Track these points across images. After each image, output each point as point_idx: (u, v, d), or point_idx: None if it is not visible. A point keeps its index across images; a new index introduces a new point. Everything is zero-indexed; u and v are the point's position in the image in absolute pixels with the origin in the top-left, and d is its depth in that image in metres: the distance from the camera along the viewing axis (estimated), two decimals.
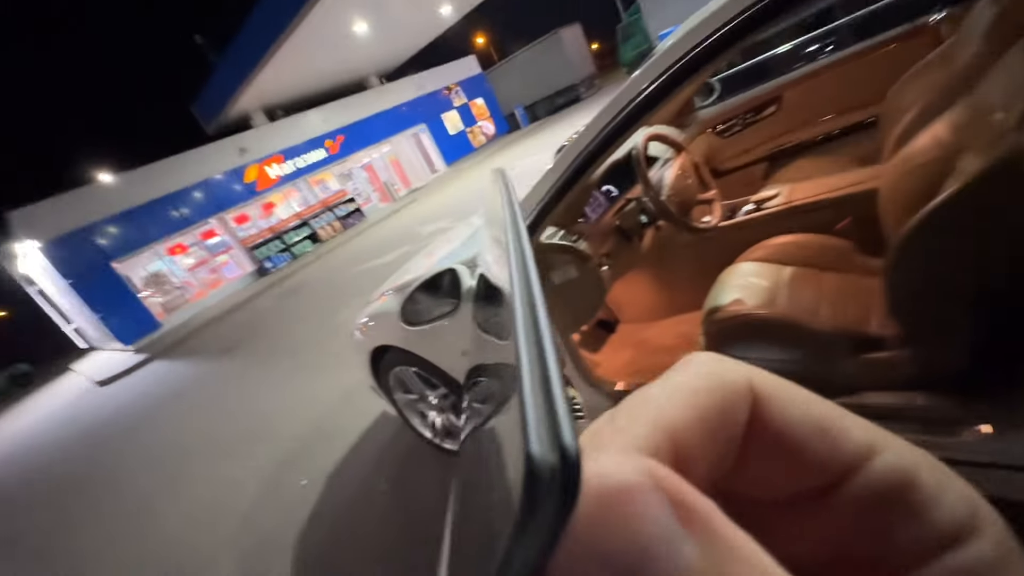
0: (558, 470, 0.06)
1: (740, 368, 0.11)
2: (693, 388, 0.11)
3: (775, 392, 0.11)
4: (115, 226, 12.57)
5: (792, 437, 0.11)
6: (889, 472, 0.10)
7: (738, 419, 0.11)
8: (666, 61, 1.16)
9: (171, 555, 2.53)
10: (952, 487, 0.10)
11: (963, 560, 0.09)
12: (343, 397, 3.32)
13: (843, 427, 0.11)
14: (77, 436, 6.77)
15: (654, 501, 0.08)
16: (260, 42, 12.92)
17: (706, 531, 0.08)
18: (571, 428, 0.07)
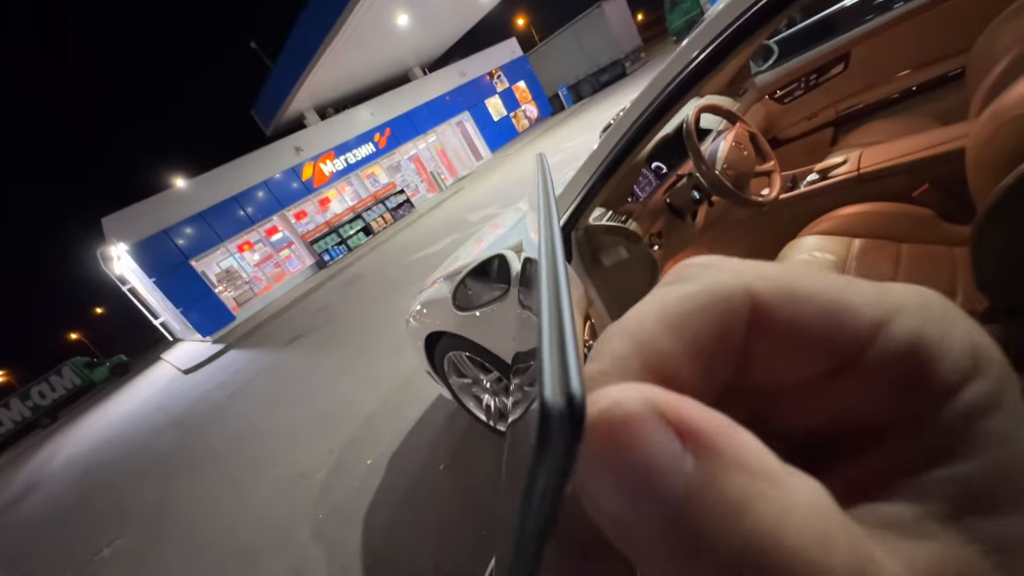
0: (566, 412, 0.07)
1: (735, 274, 0.11)
2: (682, 312, 0.11)
3: (777, 291, 0.11)
4: (190, 227, 13.69)
5: (799, 331, 0.11)
6: (900, 340, 0.10)
7: (736, 331, 0.11)
8: (717, 26, 1.09)
9: (254, 523, 2.79)
10: (954, 332, 0.10)
11: (963, 403, 0.10)
12: (402, 382, 3.47)
13: (853, 305, 0.10)
14: (170, 419, 7.51)
15: (655, 426, 0.09)
16: (308, 44, 13.43)
17: (707, 446, 0.08)
18: (579, 376, 0.08)
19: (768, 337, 0.11)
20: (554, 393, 0.08)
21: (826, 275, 0.11)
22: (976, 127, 1.18)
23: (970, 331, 0.10)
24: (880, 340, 0.10)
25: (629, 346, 0.11)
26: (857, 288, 0.11)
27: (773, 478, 0.08)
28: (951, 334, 0.10)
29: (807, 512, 0.08)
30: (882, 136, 1.66)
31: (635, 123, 1.23)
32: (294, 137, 15.72)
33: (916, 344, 0.10)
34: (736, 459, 0.08)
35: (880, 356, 0.10)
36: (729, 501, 0.08)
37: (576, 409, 0.07)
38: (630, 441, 0.08)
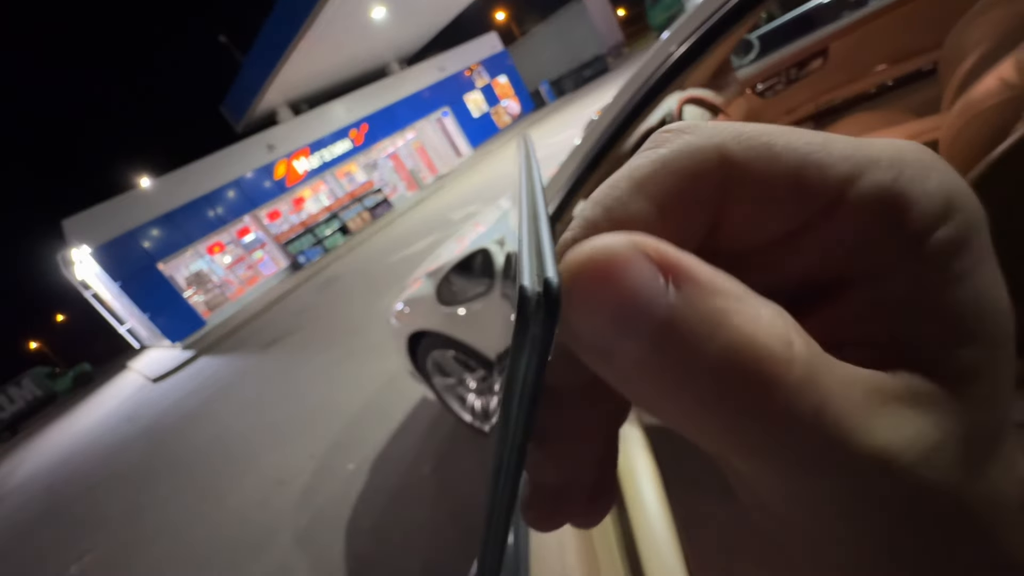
0: (542, 295, 0.08)
1: (707, 135, 0.11)
2: (653, 173, 0.11)
3: (750, 148, 0.11)
4: (158, 228, 13.20)
5: (772, 186, 0.11)
6: (871, 192, 0.10)
7: (707, 189, 0.11)
8: (699, 18, 1.08)
9: (233, 531, 2.69)
10: (928, 180, 0.11)
11: (933, 245, 0.10)
12: (384, 384, 3.40)
13: (826, 160, 0.11)
14: (139, 430, 7.24)
15: (639, 262, 0.09)
16: (281, 37, 13.09)
17: (685, 277, 0.09)
18: (554, 265, 0.09)
19: (741, 193, 0.11)
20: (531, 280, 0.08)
21: (803, 132, 0.11)
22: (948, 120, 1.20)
23: (944, 179, 0.11)
24: (851, 192, 0.10)
25: (601, 211, 0.11)
26: (834, 144, 0.11)
27: (743, 298, 0.09)
28: (924, 183, 0.10)
29: (771, 321, 0.09)
30: (861, 129, 1.69)
31: (619, 115, 1.21)
32: (266, 134, 15.28)
33: (887, 194, 0.10)
34: (711, 285, 0.09)
35: (851, 207, 0.11)
36: (708, 318, 0.09)
37: (551, 292, 0.08)
38: (618, 275, 0.09)
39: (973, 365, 0.10)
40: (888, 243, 0.11)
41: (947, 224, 0.10)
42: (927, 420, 0.10)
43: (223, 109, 18.27)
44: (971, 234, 0.10)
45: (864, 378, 0.10)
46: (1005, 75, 1.03)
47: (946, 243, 0.10)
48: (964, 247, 0.10)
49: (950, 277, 0.10)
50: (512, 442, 0.09)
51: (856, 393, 0.09)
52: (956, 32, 1.55)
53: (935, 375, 0.10)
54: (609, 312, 0.09)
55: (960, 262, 0.10)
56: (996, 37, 1.34)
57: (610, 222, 0.11)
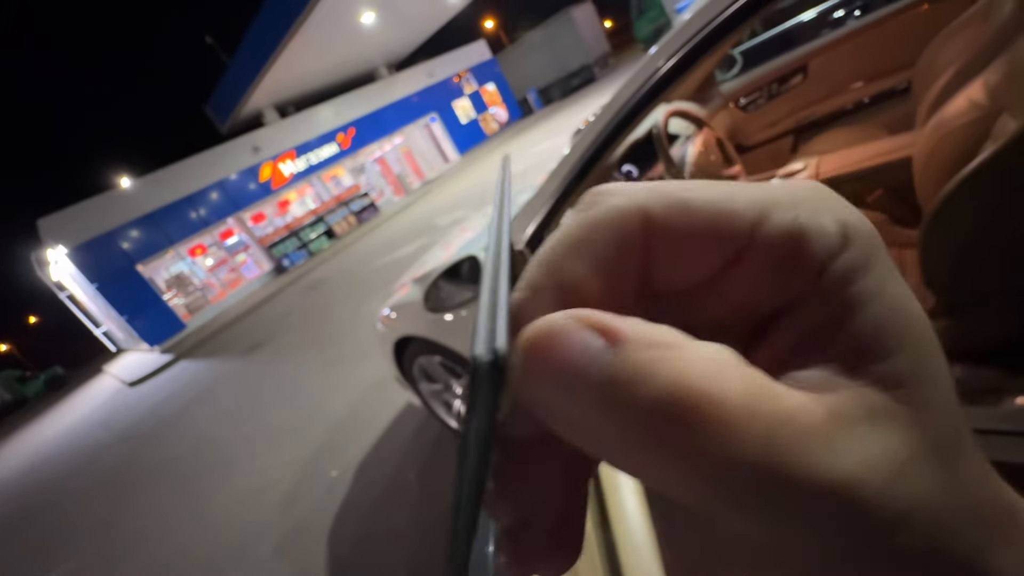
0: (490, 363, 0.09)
1: (630, 195, 0.12)
2: (583, 235, 0.12)
3: (669, 205, 0.12)
4: (137, 229, 12.90)
5: (690, 237, 0.12)
6: (775, 232, 0.11)
7: (633, 245, 0.12)
8: (685, 34, 1.12)
9: (213, 540, 2.63)
10: (823, 215, 0.12)
11: (837, 272, 0.11)
12: (368, 389, 3.37)
13: (735, 209, 0.12)
14: (114, 436, 7.04)
15: (580, 331, 0.10)
16: (269, 39, 12.98)
17: (623, 337, 0.10)
18: (505, 334, 0.10)
19: (664, 245, 0.12)
20: (483, 348, 0.09)
21: (715, 185, 0.13)
22: (922, 137, 1.25)
23: (838, 212, 0.12)
24: (759, 234, 0.12)
25: (542, 273, 0.12)
26: (740, 193, 0.12)
27: (679, 346, 0.10)
28: (821, 217, 0.12)
29: (705, 362, 0.10)
30: (838, 144, 1.74)
31: (606, 126, 1.24)
32: (252, 136, 15.09)
33: (789, 232, 0.11)
34: (647, 339, 0.10)
35: (761, 247, 0.12)
36: (643, 369, 0.09)
37: (499, 360, 0.09)
38: (561, 346, 0.10)
39: (908, 371, 0.11)
40: (797, 275, 0.12)
41: (847, 251, 0.11)
42: (892, 435, 0.10)
43: (208, 110, 18.03)
44: (870, 257, 0.11)
45: (818, 404, 0.10)
46: (974, 96, 1.08)
47: (849, 268, 0.11)
48: (866, 269, 0.11)
49: (859, 298, 0.11)
50: (469, 486, 0.10)
51: (811, 420, 0.09)
52: (928, 53, 1.62)
53: (879, 388, 0.10)
54: (557, 380, 0.10)
55: (865, 282, 0.11)
56: (966, 58, 1.41)
57: (551, 282, 0.12)
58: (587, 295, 0.12)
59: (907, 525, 0.09)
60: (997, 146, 0.76)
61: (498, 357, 0.09)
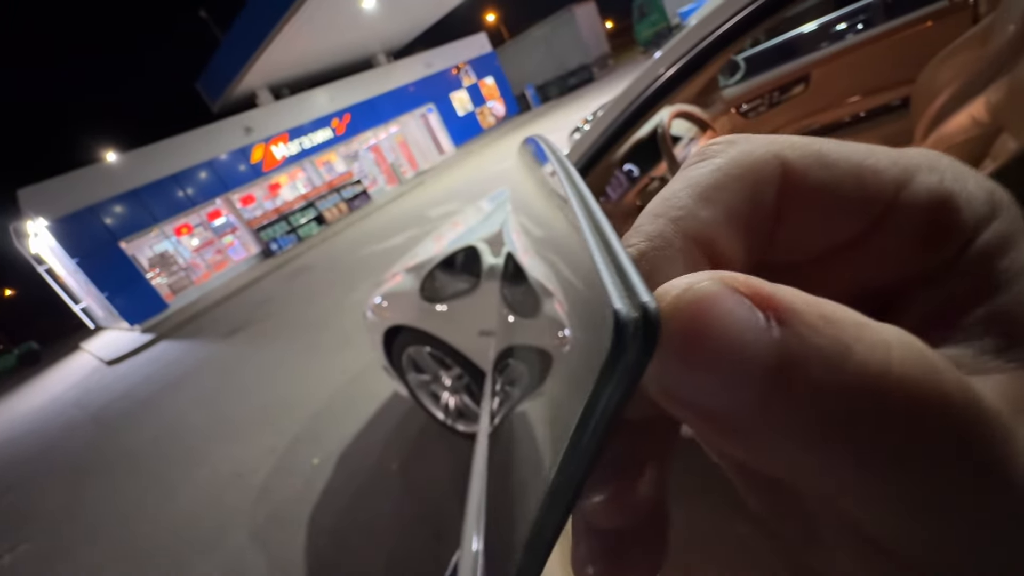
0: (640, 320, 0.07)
1: (763, 144, 0.11)
2: (714, 182, 0.11)
3: (806, 155, 0.11)
4: (122, 205, 12.59)
5: (829, 193, 0.11)
6: (922, 195, 0.10)
7: (768, 196, 0.11)
8: (691, 40, 1.12)
9: (185, 527, 2.58)
10: (969, 179, 0.11)
11: (984, 244, 0.10)
12: (352, 378, 3.33)
13: (876, 167, 0.11)
14: (88, 416, 6.89)
15: (733, 301, 0.08)
16: (266, 18, 12.70)
17: (788, 310, 0.08)
18: (646, 289, 0.08)
19: (800, 200, 0.11)
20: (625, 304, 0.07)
21: (849, 143, 0.11)
22: None
23: (982, 181, 0.11)
24: (904, 197, 0.10)
25: (665, 223, 0.11)
26: (879, 152, 0.11)
27: (862, 325, 0.08)
28: (967, 185, 0.11)
29: (905, 348, 0.08)
30: None
31: (611, 125, 1.23)
32: (244, 116, 14.81)
33: (937, 194, 0.10)
34: (821, 315, 0.08)
35: (905, 210, 0.10)
36: (827, 352, 0.08)
37: (651, 320, 0.07)
38: (712, 321, 0.08)
39: None
40: (944, 242, 0.10)
41: (996, 221, 0.10)
42: None
43: (199, 87, 17.63)
44: (1020, 229, 0.11)
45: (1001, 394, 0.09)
46: (976, 113, 1.10)
47: (998, 240, 0.10)
48: (1016, 241, 0.10)
49: (1011, 271, 0.10)
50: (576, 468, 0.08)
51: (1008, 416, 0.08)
52: (929, 71, 1.64)
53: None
54: (709, 364, 0.08)
55: (1016, 255, 0.10)
56: (965, 78, 1.42)
57: (679, 233, 0.10)
58: (721, 253, 0.11)
59: None
60: (997, 165, 0.76)
61: (649, 315, 0.07)
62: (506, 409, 0.10)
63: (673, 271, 0.10)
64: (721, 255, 0.11)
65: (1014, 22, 1.31)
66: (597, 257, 0.09)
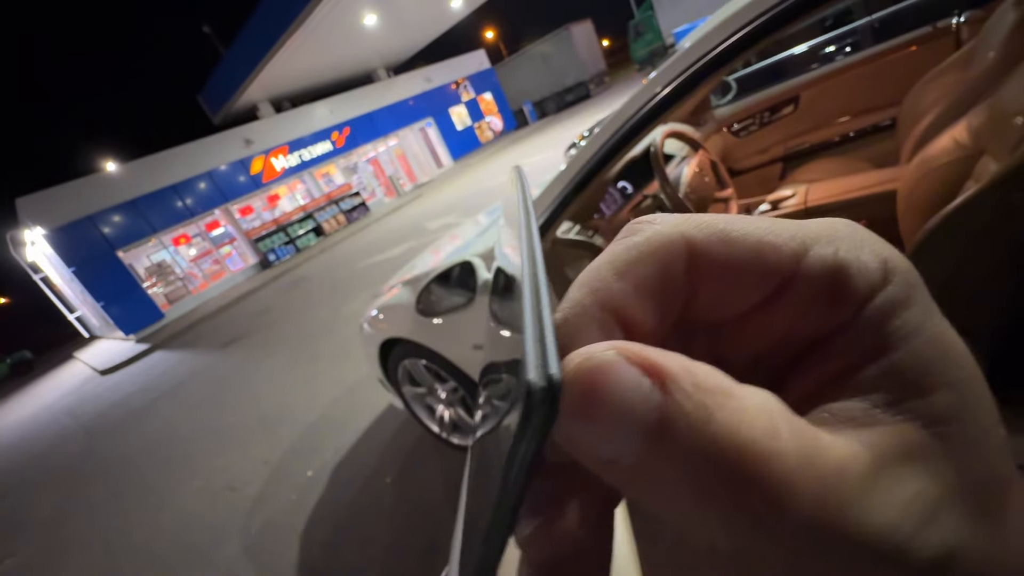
0: (546, 389, 0.09)
1: (673, 224, 0.13)
2: (629, 259, 0.13)
3: (710, 235, 0.12)
4: (120, 215, 12.59)
5: (732, 268, 0.12)
6: (817, 266, 0.12)
7: (676, 272, 0.12)
8: (685, 61, 1.15)
9: (175, 538, 2.55)
10: (864, 250, 0.12)
11: (878, 307, 0.11)
12: (347, 391, 3.33)
13: (775, 242, 0.12)
14: (80, 426, 6.81)
15: (624, 369, 0.10)
16: (268, 33, 12.90)
17: (669, 378, 0.10)
18: (556, 360, 0.10)
19: (706, 275, 0.12)
20: (536, 376, 0.09)
21: (752, 219, 0.13)
22: (906, 173, 1.30)
23: (878, 248, 0.12)
24: (801, 267, 0.12)
25: (586, 293, 0.12)
26: (779, 227, 0.12)
27: (728, 392, 0.10)
28: (861, 253, 0.12)
29: (756, 413, 0.10)
30: (824, 174, 1.80)
31: (605, 143, 1.26)
32: (245, 128, 14.92)
33: (831, 265, 0.12)
34: (695, 383, 0.10)
35: (803, 281, 0.12)
36: (693, 417, 0.09)
37: (554, 387, 0.09)
38: (605, 386, 0.10)
39: (949, 408, 0.10)
40: (838, 308, 0.12)
41: (889, 286, 0.11)
42: (924, 476, 0.10)
43: (201, 99, 17.80)
44: (912, 292, 0.12)
45: (857, 449, 0.10)
46: (958, 136, 1.13)
47: (890, 303, 0.11)
48: (907, 304, 0.11)
49: (901, 333, 0.11)
50: (504, 508, 0.10)
51: (853, 470, 0.09)
52: (914, 93, 1.69)
53: (918, 425, 0.10)
54: (602, 419, 0.10)
55: (907, 317, 0.11)
56: (949, 101, 1.47)
57: (596, 303, 0.12)
58: (632, 319, 0.12)
59: (945, 571, 0.09)
60: (979, 187, 0.79)
61: (552, 384, 0.09)
62: (490, 425, 0.11)
63: (589, 336, 0.12)
64: (632, 322, 0.12)
65: (994, 49, 1.36)
66: (527, 320, 0.11)
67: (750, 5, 0.99)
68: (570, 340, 0.12)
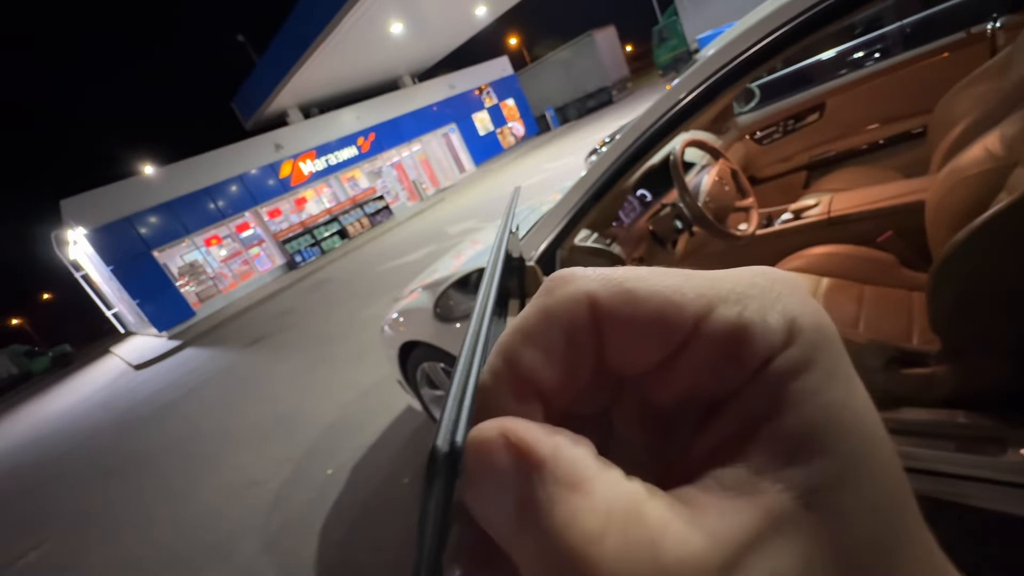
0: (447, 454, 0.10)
1: (580, 284, 0.13)
2: (536, 325, 0.13)
3: (616, 295, 0.13)
4: (156, 216, 13.13)
5: (635, 327, 0.13)
6: (718, 328, 0.12)
7: (582, 332, 0.13)
8: (709, 68, 1.15)
9: (199, 533, 2.64)
10: (771, 311, 0.12)
11: (776, 370, 0.11)
12: (365, 392, 3.39)
13: (680, 302, 0.12)
14: (113, 417, 7.10)
15: (500, 450, 0.11)
16: (298, 41, 13.29)
17: (535, 464, 0.11)
18: (465, 428, 0.11)
19: (611, 332, 0.13)
20: (443, 441, 0.11)
21: (665, 275, 0.13)
22: (936, 183, 1.26)
23: (790, 307, 0.12)
24: (702, 328, 0.12)
25: (502, 361, 0.13)
26: (689, 284, 0.13)
27: (576, 486, 0.11)
28: (768, 314, 0.12)
29: (592, 513, 0.10)
30: (850, 183, 1.76)
31: (625, 151, 1.27)
32: (275, 133, 15.40)
33: (732, 327, 0.12)
34: (554, 472, 0.11)
35: (704, 340, 0.12)
36: (539, 506, 0.10)
37: (455, 454, 0.10)
38: (485, 462, 0.11)
39: (825, 478, 0.10)
40: (737, 370, 0.12)
41: (790, 348, 0.12)
42: (783, 552, 0.10)
43: (234, 105, 18.42)
44: (815, 354, 0.12)
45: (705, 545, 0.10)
46: (991, 146, 1.10)
47: (789, 366, 0.11)
48: (808, 367, 0.11)
49: (794, 397, 0.11)
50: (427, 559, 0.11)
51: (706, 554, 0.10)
52: (946, 101, 1.65)
53: (792, 494, 0.10)
54: (481, 490, 0.11)
55: (805, 381, 0.11)
56: (983, 109, 1.43)
57: (509, 370, 0.13)
58: (541, 381, 0.13)
59: None
60: (1012, 198, 0.77)
61: (454, 450, 0.10)
62: None
63: (504, 403, 0.13)
64: (543, 384, 0.13)
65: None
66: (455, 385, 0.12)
67: (777, 11, 0.97)
68: (486, 406, 0.13)
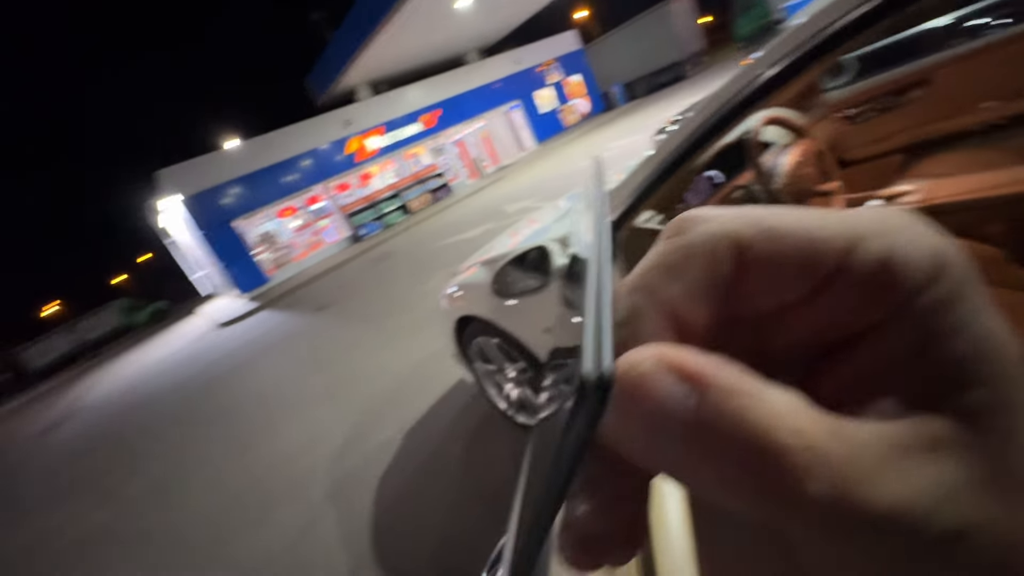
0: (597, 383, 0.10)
1: (720, 222, 0.13)
2: (677, 259, 0.13)
3: (758, 232, 0.13)
4: (238, 187, 14.20)
5: (779, 263, 0.13)
6: (867, 261, 0.12)
7: (724, 269, 0.13)
8: (797, 39, 1.06)
9: (273, 475, 2.91)
10: (916, 244, 0.12)
11: (927, 301, 0.11)
12: (421, 361, 3.53)
13: (824, 236, 0.12)
14: (200, 369, 7.89)
15: (663, 376, 0.11)
16: (369, 19, 13.59)
17: (704, 383, 0.11)
18: (611, 355, 0.11)
19: (753, 271, 0.13)
20: (590, 369, 0.10)
21: (805, 212, 0.13)
22: None
23: (932, 242, 0.12)
24: (849, 263, 0.12)
25: (640, 296, 0.13)
26: (829, 221, 0.13)
27: (757, 395, 0.11)
28: (913, 247, 0.12)
29: (783, 411, 0.10)
30: (955, 168, 1.57)
31: (697, 129, 1.21)
32: (345, 110, 16.00)
33: (879, 261, 0.12)
34: (727, 388, 0.11)
35: (849, 276, 0.12)
36: (726, 417, 0.10)
37: (606, 382, 0.10)
38: (647, 391, 0.11)
39: (985, 404, 0.11)
40: (885, 304, 0.12)
41: (937, 283, 0.11)
42: (949, 462, 0.10)
43: (307, 82, 19.26)
44: (963, 288, 0.12)
45: (881, 436, 0.11)
46: None
47: (937, 299, 0.11)
48: (956, 301, 0.11)
49: (946, 329, 0.11)
50: (555, 492, 0.11)
51: (871, 454, 0.10)
52: None
53: (951, 418, 0.11)
54: (644, 421, 0.11)
55: (954, 314, 0.11)
56: None
57: (650, 305, 0.13)
58: (683, 319, 0.13)
59: (961, 543, 0.10)
60: None
61: (604, 378, 0.10)
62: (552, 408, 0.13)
63: (644, 337, 0.13)
64: (684, 321, 0.13)
65: None
66: (589, 315, 0.12)
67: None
68: (626, 341, 0.12)
